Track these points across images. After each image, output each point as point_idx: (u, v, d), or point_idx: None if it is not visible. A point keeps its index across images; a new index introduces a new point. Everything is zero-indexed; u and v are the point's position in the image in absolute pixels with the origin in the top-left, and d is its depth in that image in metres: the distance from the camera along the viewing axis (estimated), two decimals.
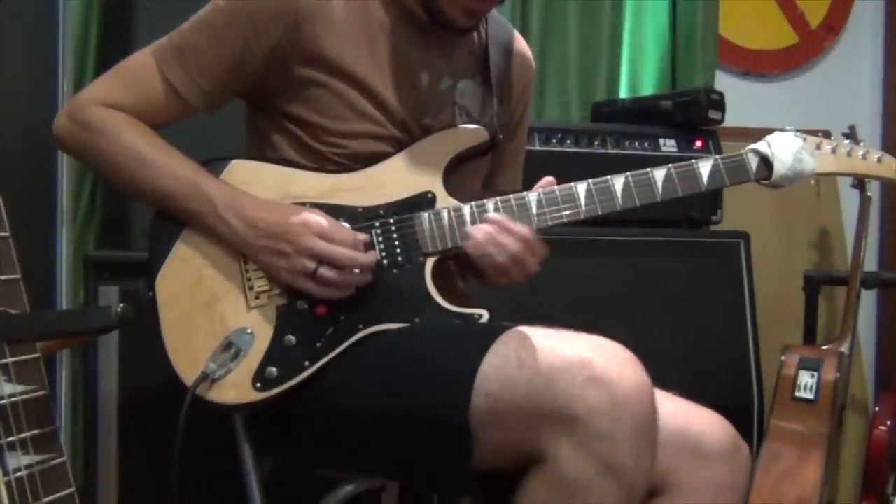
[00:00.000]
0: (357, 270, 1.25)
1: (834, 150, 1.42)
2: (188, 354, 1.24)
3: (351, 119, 1.31)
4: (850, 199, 2.70)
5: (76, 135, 1.31)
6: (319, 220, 1.25)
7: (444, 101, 1.39)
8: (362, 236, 1.26)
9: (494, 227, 1.26)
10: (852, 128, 2.40)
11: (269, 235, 1.24)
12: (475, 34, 1.44)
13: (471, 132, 1.36)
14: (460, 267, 1.44)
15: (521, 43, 1.53)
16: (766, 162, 1.37)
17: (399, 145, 1.34)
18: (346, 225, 1.28)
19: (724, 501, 1.23)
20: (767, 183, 1.38)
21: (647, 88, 2.74)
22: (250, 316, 1.26)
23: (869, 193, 2.49)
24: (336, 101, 1.31)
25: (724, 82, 2.82)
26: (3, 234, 1.01)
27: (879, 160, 1.45)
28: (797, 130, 1.40)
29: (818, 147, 1.41)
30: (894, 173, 1.46)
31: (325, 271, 1.23)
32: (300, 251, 1.23)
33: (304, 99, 1.32)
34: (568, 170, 1.35)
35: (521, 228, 1.27)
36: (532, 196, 1.31)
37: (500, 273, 1.29)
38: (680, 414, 1.25)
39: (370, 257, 1.26)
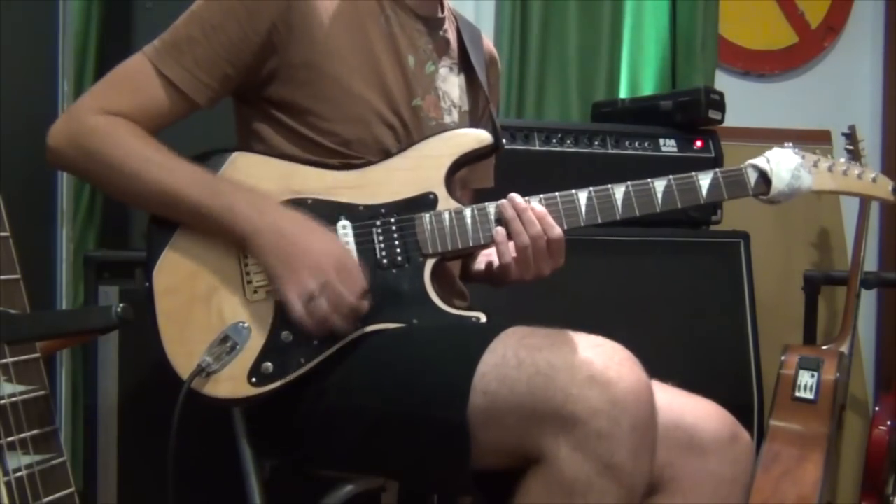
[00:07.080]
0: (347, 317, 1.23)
1: (831, 168, 1.45)
2: (184, 346, 1.23)
3: (344, 103, 1.31)
4: (849, 199, 2.70)
5: (76, 144, 1.27)
6: (346, 257, 1.24)
7: (428, 85, 1.41)
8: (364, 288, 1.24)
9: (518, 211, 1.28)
10: (852, 128, 2.40)
11: (291, 245, 1.22)
12: (449, 28, 1.47)
13: (474, 136, 1.36)
14: (467, 273, 1.44)
15: (487, 42, 1.58)
16: (764, 178, 1.40)
17: (390, 129, 1.34)
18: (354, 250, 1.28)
19: (723, 494, 1.23)
20: (765, 199, 1.41)
21: (647, 88, 2.74)
22: (248, 310, 1.25)
23: None
24: (328, 85, 1.31)
25: (724, 82, 2.82)
26: (3, 234, 1.01)
27: (874, 180, 1.49)
28: (795, 147, 1.43)
29: (815, 164, 1.44)
30: (888, 193, 1.51)
31: (322, 303, 1.20)
32: (310, 268, 1.21)
33: (297, 84, 1.31)
34: (568, 170, 1.35)
35: (538, 206, 1.29)
36: (534, 202, 1.31)
37: (520, 260, 1.29)
38: (674, 405, 1.25)
39: (365, 308, 1.24)
